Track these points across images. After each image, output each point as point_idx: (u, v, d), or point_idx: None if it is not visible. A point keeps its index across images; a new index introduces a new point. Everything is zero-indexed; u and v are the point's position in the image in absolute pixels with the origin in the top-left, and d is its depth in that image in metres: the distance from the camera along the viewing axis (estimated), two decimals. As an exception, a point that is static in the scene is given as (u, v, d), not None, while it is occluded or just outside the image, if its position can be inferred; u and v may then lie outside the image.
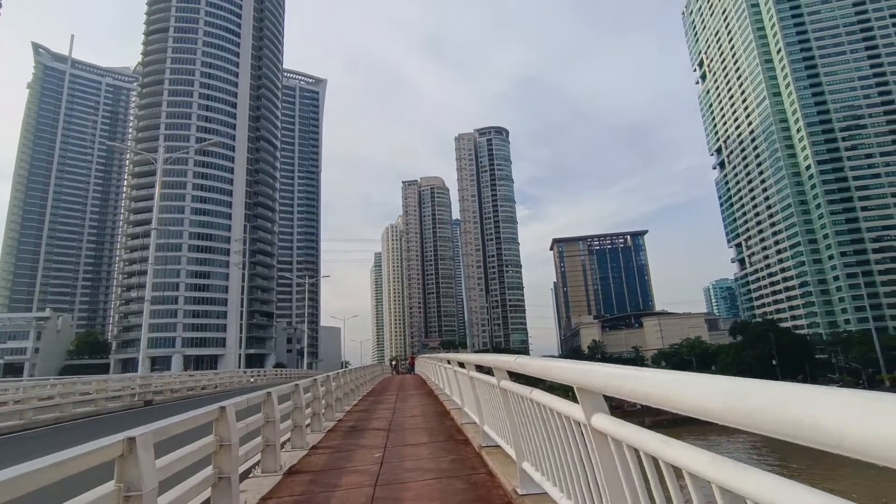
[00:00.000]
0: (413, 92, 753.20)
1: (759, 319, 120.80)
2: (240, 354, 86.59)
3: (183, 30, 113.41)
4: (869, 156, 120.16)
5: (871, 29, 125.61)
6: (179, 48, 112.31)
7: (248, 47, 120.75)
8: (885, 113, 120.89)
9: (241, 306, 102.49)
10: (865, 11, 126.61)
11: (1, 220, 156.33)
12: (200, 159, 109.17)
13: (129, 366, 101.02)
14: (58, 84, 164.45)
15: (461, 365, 7.72)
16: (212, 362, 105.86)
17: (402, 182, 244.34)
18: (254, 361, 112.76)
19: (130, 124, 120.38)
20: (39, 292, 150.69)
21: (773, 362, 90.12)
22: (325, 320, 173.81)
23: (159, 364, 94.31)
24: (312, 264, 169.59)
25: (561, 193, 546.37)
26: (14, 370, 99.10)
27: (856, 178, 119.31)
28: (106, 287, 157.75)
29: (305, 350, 74.32)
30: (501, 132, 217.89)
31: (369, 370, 23.27)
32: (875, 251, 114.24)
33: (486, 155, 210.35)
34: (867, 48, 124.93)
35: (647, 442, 1.91)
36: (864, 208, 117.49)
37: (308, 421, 8.58)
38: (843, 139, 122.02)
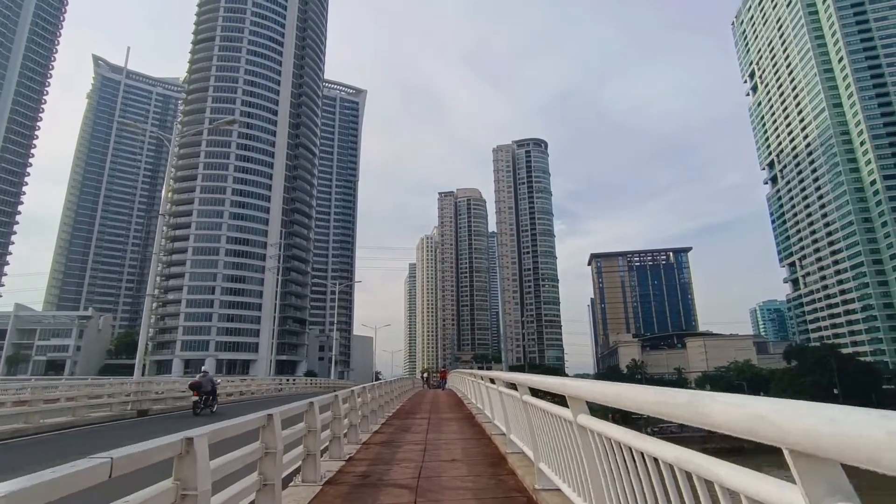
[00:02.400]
0: (450, 105, 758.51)
1: (817, 344, 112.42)
2: (271, 360, 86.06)
3: (228, 38, 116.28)
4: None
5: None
6: (224, 56, 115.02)
7: (291, 56, 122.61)
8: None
9: (275, 312, 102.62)
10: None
11: (55, 221, 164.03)
12: (240, 164, 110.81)
13: (163, 367, 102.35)
14: (113, 94, 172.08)
15: (513, 388, 6.37)
16: (244, 367, 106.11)
17: (439, 193, 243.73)
18: (285, 368, 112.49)
19: (175, 131, 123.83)
20: (87, 292, 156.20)
21: (835, 391, 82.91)
22: (357, 329, 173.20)
23: (192, 367, 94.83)
24: (347, 273, 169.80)
25: (598, 209, 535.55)
26: (56, 367, 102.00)
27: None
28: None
29: (335, 358, 72.63)
30: (540, 144, 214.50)
31: (397, 385, 20.83)
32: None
33: (524, 167, 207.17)
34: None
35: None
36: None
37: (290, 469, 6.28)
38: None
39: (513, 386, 6.27)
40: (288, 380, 43.53)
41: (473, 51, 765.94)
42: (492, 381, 8.30)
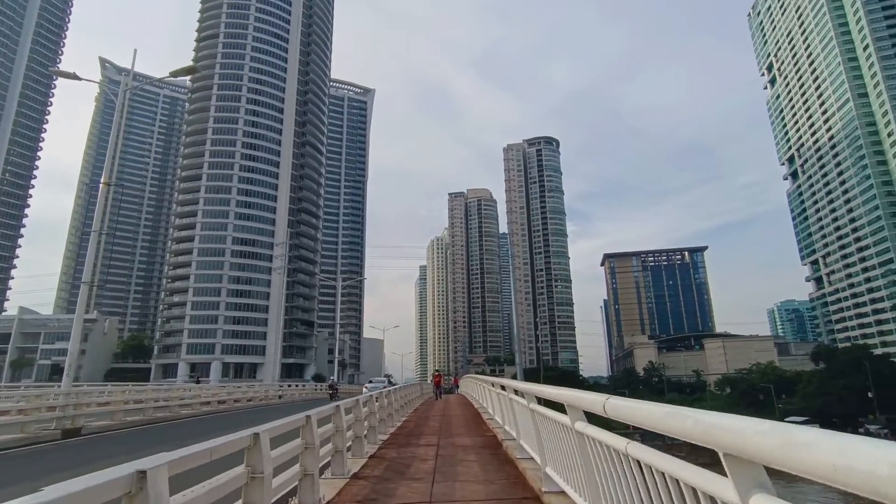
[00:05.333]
0: (461, 106, 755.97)
1: (846, 344, 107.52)
2: (278, 364, 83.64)
3: (232, 35, 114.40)
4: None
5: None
6: (229, 53, 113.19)
7: (296, 53, 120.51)
8: None
9: (282, 314, 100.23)
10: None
11: (66, 226, 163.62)
12: (246, 164, 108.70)
13: (169, 371, 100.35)
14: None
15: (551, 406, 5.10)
16: (251, 370, 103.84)
17: (449, 194, 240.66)
18: (293, 372, 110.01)
19: (183, 132, 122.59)
20: (96, 296, 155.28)
21: (869, 394, 78.28)
22: (366, 332, 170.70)
23: (198, 371, 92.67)
24: (356, 274, 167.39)
25: (611, 209, 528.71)
26: (60, 371, 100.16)
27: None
28: (156, 292, 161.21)
29: (343, 362, 69.75)
30: (551, 142, 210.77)
31: (403, 394, 17.73)
32: None
33: (536, 166, 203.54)
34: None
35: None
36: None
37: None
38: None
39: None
40: (289, 385, 40.63)
41: (486, 50, 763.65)
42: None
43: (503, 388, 8.54)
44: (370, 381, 39.69)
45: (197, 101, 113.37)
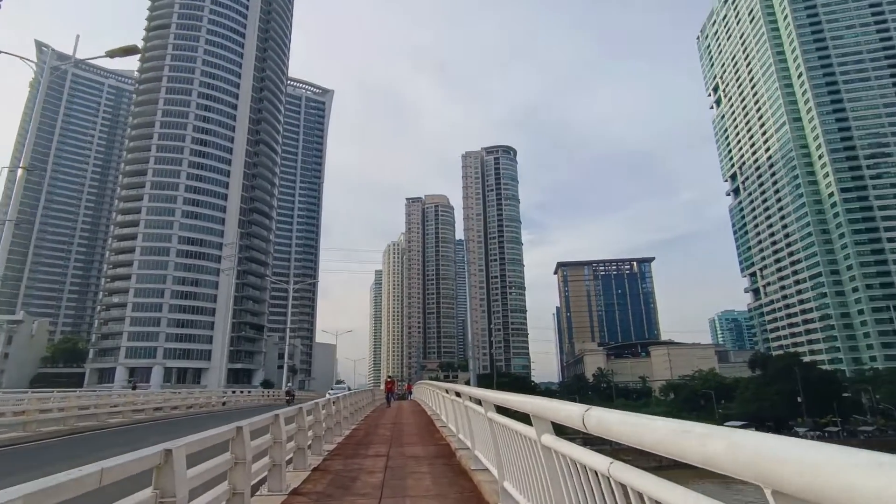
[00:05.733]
0: (420, 113, 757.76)
1: (779, 352, 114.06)
2: (224, 369, 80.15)
3: (185, 27, 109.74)
4: (895, 185, 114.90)
5: None
6: (180, 45, 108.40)
7: (253, 49, 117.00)
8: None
9: (230, 317, 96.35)
10: (890, 38, 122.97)
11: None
12: (195, 160, 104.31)
13: (105, 375, 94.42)
14: (59, 84, 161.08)
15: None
16: (196, 376, 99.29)
17: (406, 199, 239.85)
18: (240, 377, 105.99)
19: (129, 124, 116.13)
20: (24, 296, 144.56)
21: (799, 399, 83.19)
22: (319, 336, 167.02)
23: (138, 376, 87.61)
24: (310, 278, 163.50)
25: (564, 219, 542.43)
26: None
27: (881, 209, 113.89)
28: (94, 293, 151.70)
29: (292, 367, 67.69)
30: (509, 151, 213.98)
31: (353, 401, 17.05)
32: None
33: (493, 174, 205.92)
34: (892, 75, 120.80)
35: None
36: (890, 239, 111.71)
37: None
38: (868, 167, 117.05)
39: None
40: (232, 391, 38.79)
41: (445, 59, 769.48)
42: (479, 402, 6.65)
43: (458, 394, 8.12)
44: (332, 389, 39.52)
45: (145, 92, 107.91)
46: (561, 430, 3.14)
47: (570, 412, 2.60)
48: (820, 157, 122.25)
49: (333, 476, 6.85)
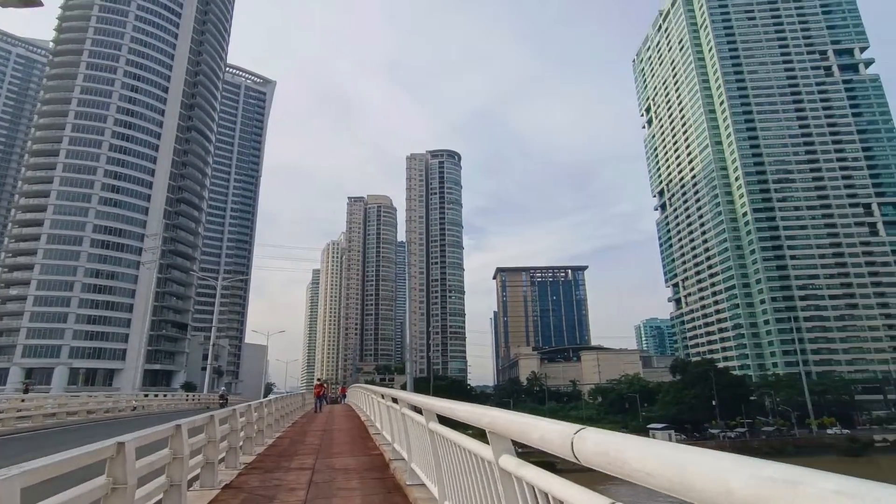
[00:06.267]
0: (366, 113, 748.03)
1: (697, 358, 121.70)
2: (140, 370, 74.44)
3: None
4: (797, 208, 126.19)
5: (799, 93, 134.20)
6: (107, 18, 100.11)
7: (189, 29, 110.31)
8: (811, 170, 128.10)
9: (150, 314, 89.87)
10: (795, 77, 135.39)
11: None
12: (118, 144, 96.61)
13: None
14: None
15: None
16: (107, 377, 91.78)
17: (349, 198, 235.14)
18: (159, 379, 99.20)
19: (39, 99, 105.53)
20: None
21: (713, 402, 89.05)
22: (249, 337, 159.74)
23: (37, 377, 79.56)
24: (242, 275, 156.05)
25: (505, 226, 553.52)
26: None
27: (786, 228, 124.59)
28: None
29: (217, 368, 63.98)
30: (454, 156, 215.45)
31: (279, 405, 15.94)
32: (801, 298, 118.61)
33: (438, 177, 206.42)
34: (796, 110, 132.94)
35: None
36: (792, 257, 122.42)
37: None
38: (776, 191, 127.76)
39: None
40: (145, 395, 35.86)
41: (394, 61, 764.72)
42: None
43: (395, 400, 7.41)
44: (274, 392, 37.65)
45: (61, 65, 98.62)
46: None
47: (550, 432, 1.85)
48: (737, 178, 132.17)
49: (246, 496, 6.03)
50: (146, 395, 34.62)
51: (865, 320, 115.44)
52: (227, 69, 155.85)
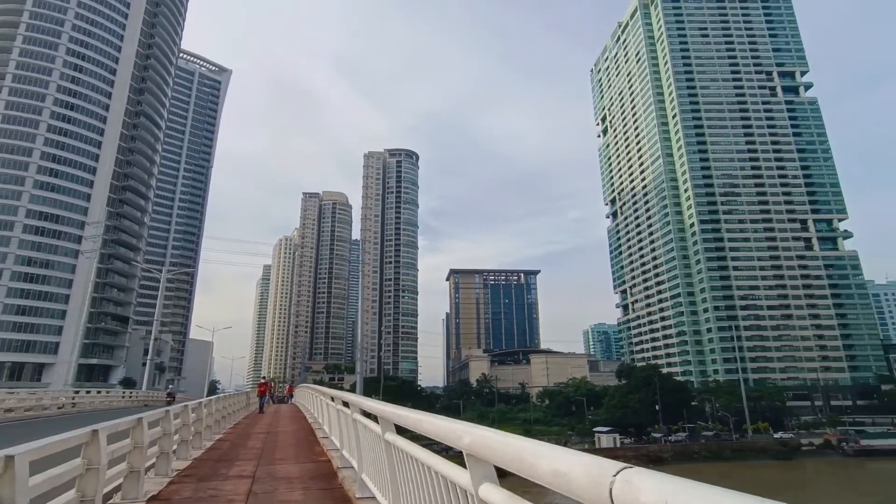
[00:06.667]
0: (325, 109, 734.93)
1: (642, 363, 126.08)
2: (73, 364, 69.87)
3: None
4: (741, 221, 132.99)
5: (747, 111, 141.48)
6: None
7: (141, 10, 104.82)
8: (755, 185, 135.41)
9: (87, 306, 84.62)
10: (743, 95, 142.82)
11: None
12: (57, 125, 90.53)
13: None
14: None
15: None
16: (36, 372, 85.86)
17: (304, 193, 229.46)
18: (95, 374, 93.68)
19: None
20: None
21: (657, 407, 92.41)
22: (195, 332, 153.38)
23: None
24: (189, 268, 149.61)
25: (460, 228, 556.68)
26: None
27: (730, 240, 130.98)
28: None
29: (157, 364, 61.00)
30: (412, 156, 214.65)
31: (221, 405, 15.21)
32: (742, 308, 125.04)
33: (395, 176, 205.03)
34: (744, 126, 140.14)
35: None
36: (735, 268, 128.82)
37: None
38: (722, 203, 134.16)
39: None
40: (75, 391, 33.62)
41: (352, 57, 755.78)
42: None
43: (346, 404, 6.80)
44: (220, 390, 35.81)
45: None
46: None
47: (572, 468, 1.33)
48: (686, 190, 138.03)
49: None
50: (77, 392, 32.41)
51: (798, 330, 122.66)
52: (182, 55, 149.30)
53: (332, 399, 9.29)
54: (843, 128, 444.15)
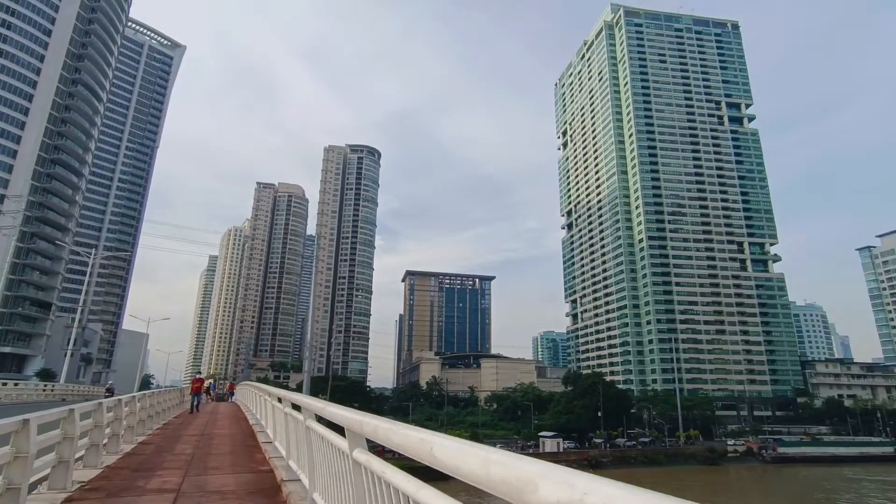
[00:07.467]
0: (283, 96, 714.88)
1: (588, 371, 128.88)
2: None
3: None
4: (685, 240, 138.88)
5: (696, 136, 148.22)
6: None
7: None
8: (700, 207, 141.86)
9: (4, 288, 77.64)
10: (694, 121, 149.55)
11: None
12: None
13: None
14: None
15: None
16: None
17: (257, 183, 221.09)
18: (7, 364, 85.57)
19: None
20: None
21: (599, 413, 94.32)
22: (129, 323, 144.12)
23: None
24: (126, 253, 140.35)
25: (418, 230, 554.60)
26: None
27: (674, 257, 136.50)
28: None
29: (71, 353, 56.29)
30: (374, 153, 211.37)
31: (150, 402, 13.27)
32: (681, 322, 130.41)
33: (355, 173, 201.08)
34: (693, 150, 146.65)
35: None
36: (677, 284, 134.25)
37: None
38: (669, 222, 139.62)
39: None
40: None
41: (317, 47, 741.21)
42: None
43: (296, 407, 5.74)
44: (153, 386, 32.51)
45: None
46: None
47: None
48: (637, 207, 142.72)
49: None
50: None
51: (730, 345, 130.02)
52: (130, 23, 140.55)
53: (280, 400, 7.83)
54: (778, 158, 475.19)
